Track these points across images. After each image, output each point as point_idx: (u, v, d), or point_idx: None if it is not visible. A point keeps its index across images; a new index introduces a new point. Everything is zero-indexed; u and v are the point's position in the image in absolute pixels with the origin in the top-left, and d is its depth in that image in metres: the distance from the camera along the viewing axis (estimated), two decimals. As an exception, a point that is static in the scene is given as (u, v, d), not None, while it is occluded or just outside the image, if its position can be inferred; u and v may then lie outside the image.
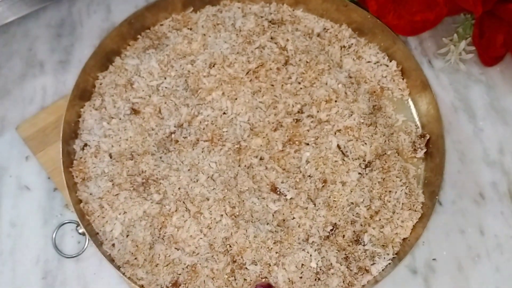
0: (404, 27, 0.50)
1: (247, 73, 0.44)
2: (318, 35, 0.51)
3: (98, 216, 0.43)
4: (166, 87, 0.46)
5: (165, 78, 0.47)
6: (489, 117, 0.52)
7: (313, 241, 0.41)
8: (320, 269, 0.41)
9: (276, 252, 0.41)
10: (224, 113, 0.45)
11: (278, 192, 0.43)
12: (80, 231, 0.44)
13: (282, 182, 0.43)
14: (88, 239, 0.44)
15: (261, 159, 0.44)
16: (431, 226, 0.46)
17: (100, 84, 0.48)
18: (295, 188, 0.43)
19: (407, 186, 0.45)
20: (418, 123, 0.49)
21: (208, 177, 0.43)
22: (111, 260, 0.41)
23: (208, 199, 0.42)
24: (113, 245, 0.42)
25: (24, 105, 0.50)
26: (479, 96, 0.53)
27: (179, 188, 0.42)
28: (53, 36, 0.54)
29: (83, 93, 0.47)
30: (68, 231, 0.46)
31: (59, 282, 0.44)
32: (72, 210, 0.43)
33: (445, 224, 0.47)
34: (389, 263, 0.42)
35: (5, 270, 0.45)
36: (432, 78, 0.53)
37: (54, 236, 0.45)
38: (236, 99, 0.44)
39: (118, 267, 0.41)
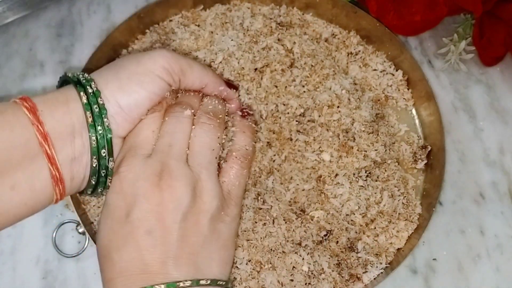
0: (404, 27, 0.50)
1: (255, 70, 0.44)
2: (326, 40, 0.51)
3: (94, 206, 0.43)
4: None
5: None
6: (489, 117, 0.52)
7: (306, 245, 0.41)
8: (312, 273, 0.40)
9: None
10: None
11: None
12: (80, 230, 0.44)
13: (281, 183, 0.43)
14: (88, 239, 0.44)
15: None
16: (431, 226, 0.46)
17: None
18: (292, 192, 0.43)
19: (405, 197, 0.44)
20: (420, 134, 0.49)
21: None
22: None
23: None
24: None
25: (24, 105, 0.50)
26: (479, 96, 0.53)
27: None
28: (53, 36, 0.54)
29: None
30: (68, 231, 0.46)
31: (59, 282, 0.44)
32: (72, 209, 0.43)
33: (445, 224, 0.47)
34: (381, 272, 0.42)
35: (5, 270, 0.45)
36: (432, 78, 0.53)
37: (54, 236, 0.45)
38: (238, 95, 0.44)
39: None
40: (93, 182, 0.35)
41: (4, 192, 0.31)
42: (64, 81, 0.37)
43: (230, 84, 0.42)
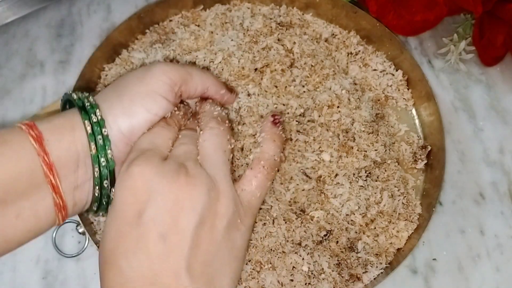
0: (404, 27, 0.50)
1: (255, 70, 0.44)
2: (326, 40, 0.51)
3: None
4: None
5: None
6: (489, 117, 0.52)
7: (306, 245, 0.41)
8: (312, 273, 0.40)
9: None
10: None
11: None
12: (80, 230, 0.44)
13: (280, 183, 0.43)
14: (88, 239, 0.44)
15: None
16: (431, 226, 0.46)
17: (106, 75, 0.48)
18: (292, 192, 0.43)
19: (405, 197, 0.44)
20: (420, 134, 0.49)
21: None
22: None
23: None
24: None
25: (24, 105, 0.50)
26: (479, 96, 0.53)
27: None
28: (53, 36, 0.54)
29: (87, 83, 0.47)
30: (68, 231, 0.46)
31: (59, 282, 0.44)
32: (72, 210, 0.43)
33: (445, 224, 0.47)
34: (381, 272, 0.42)
35: (5, 270, 0.45)
36: (432, 78, 0.53)
37: (54, 236, 0.45)
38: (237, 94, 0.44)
39: None
40: (95, 209, 0.36)
41: (10, 221, 0.31)
42: (68, 100, 0.38)
43: (229, 88, 0.42)
